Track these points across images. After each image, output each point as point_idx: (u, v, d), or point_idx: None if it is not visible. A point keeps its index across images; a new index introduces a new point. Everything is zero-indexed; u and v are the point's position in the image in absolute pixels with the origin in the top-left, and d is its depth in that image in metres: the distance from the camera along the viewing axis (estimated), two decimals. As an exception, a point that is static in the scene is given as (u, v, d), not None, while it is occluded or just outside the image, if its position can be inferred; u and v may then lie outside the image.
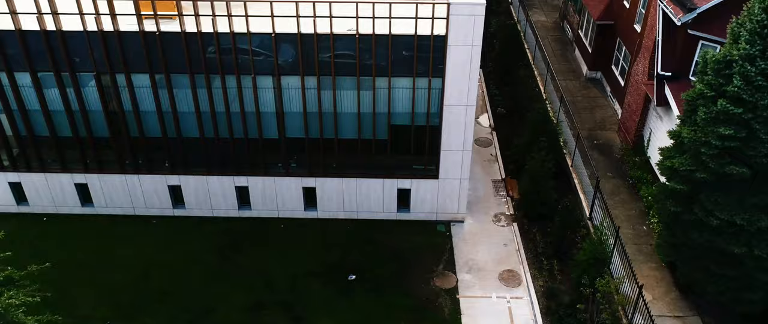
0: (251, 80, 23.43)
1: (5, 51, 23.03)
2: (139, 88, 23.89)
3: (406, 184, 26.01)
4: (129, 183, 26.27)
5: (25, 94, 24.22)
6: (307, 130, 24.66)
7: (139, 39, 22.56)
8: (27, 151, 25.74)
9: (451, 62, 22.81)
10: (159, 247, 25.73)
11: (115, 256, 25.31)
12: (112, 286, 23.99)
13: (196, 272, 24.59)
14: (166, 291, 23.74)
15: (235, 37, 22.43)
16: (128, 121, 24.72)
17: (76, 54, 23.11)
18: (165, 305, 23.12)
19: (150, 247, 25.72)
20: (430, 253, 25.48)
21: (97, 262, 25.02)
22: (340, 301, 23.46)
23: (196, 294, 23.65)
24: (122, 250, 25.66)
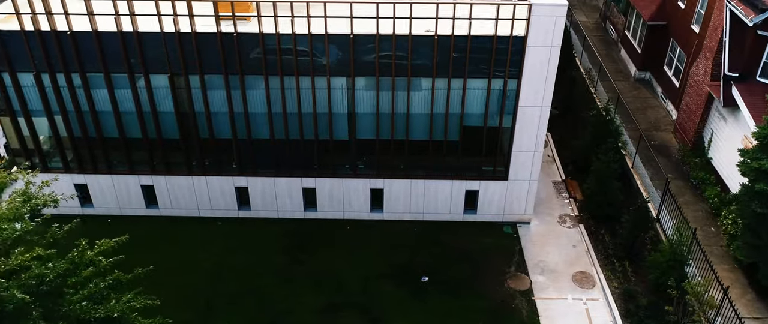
0: (326, 81, 23.35)
1: (80, 52, 22.96)
2: (211, 89, 23.81)
3: (475, 185, 25.92)
4: (195, 185, 26.18)
5: (97, 96, 24.15)
6: (378, 132, 24.57)
7: (216, 40, 22.50)
8: (95, 153, 25.66)
9: (529, 63, 22.72)
10: (226, 249, 25.65)
11: (183, 259, 25.22)
12: (184, 288, 23.89)
13: (267, 274, 24.50)
14: (240, 293, 23.64)
15: (313, 38, 22.35)
16: (199, 123, 24.65)
17: (151, 55, 23.03)
18: (241, 307, 23.03)
19: (217, 248, 25.63)
20: (500, 255, 25.39)
21: (166, 264, 24.84)
22: (415, 303, 23.37)
23: (269, 296, 23.55)
24: (189, 252, 25.58)
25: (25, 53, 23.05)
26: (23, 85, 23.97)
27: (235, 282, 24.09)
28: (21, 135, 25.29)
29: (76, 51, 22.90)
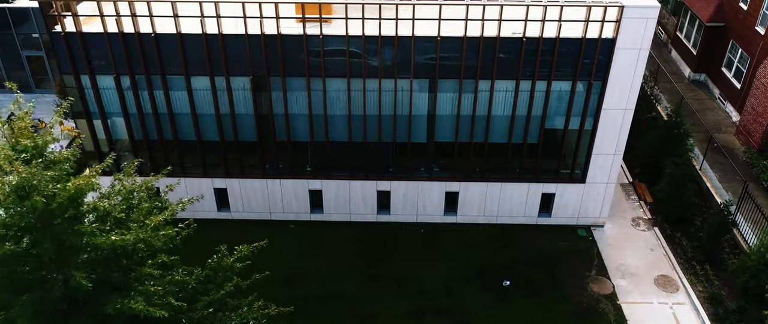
0: (409, 84, 23.18)
1: (161, 54, 22.77)
2: (292, 91, 23.64)
3: (551, 188, 25.74)
4: (269, 187, 26.00)
5: (175, 98, 23.97)
6: (457, 134, 24.39)
7: (301, 42, 22.32)
8: (169, 156, 25.47)
9: (616, 65, 22.54)
10: (302, 253, 25.46)
11: (259, 262, 24.92)
12: (263, 292, 23.63)
13: (347, 277, 24.31)
14: (323, 297, 23.45)
15: (400, 40, 22.17)
16: (277, 125, 24.47)
17: (233, 57, 22.86)
18: (326, 310, 22.83)
19: (292, 252, 25.43)
20: (579, 258, 25.21)
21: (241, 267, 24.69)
22: (500, 306, 23.19)
23: (353, 300, 23.37)
24: (265, 255, 25.26)
25: (107, 55, 22.88)
26: (101, 87, 23.79)
27: (317, 286, 23.90)
28: (95, 137, 25.11)
29: (158, 53, 22.72)
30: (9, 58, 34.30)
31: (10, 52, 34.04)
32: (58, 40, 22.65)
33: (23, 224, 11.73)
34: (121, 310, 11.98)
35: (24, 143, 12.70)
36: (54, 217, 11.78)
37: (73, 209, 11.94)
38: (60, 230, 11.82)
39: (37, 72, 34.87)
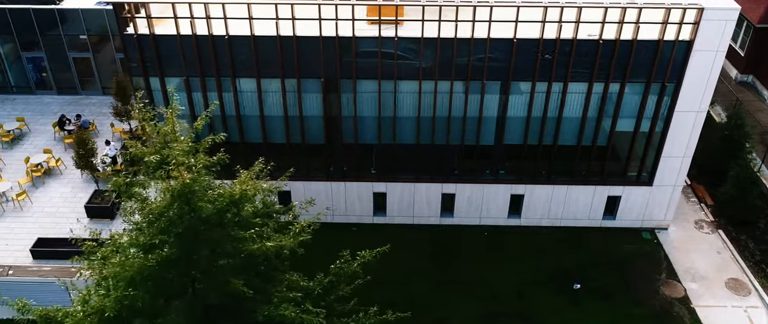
0: (481, 86, 23.05)
1: (234, 56, 22.64)
2: (362, 93, 23.51)
3: (617, 190, 25.60)
4: (333, 190, 25.85)
5: (244, 100, 23.84)
6: (527, 136, 24.26)
7: (375, 44, 22.21)
8: (234, 159, 25.25)
9: (692, 67, 22.42)
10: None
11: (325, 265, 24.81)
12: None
13: (416, 281, 24.15)
14: (395, 300, 23.14)
15: (474, 42, 22.05)
16: (345, 127, 24.34)
17: (306, 60, 22.73)
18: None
19: (356, 255, 25.24)
20: (646, 261, 25.08)
21: (311, 270, 24.54)
22: (573, 310, 23.06)
23: (425, 303, 23.19)
24: (330, 258, 25.16)
25: (178, 57, 22.74)
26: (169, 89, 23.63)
27: (387, 290, 23.67)
28: (161, 140, 24.94)
29: (230, 55, 22.59)
30: (56, 59, 34.11)
31: (57, 53, 33.86)
32: (130, 41, 22.52)
33: (180, 230, 11.58)
34: (270, 317, 11.84)
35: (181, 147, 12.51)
36: (211, 223, 11.64)
37: (232, 215, 11.79)
38: (216, 236, 11.67)
39: (83, 73, 34.68)
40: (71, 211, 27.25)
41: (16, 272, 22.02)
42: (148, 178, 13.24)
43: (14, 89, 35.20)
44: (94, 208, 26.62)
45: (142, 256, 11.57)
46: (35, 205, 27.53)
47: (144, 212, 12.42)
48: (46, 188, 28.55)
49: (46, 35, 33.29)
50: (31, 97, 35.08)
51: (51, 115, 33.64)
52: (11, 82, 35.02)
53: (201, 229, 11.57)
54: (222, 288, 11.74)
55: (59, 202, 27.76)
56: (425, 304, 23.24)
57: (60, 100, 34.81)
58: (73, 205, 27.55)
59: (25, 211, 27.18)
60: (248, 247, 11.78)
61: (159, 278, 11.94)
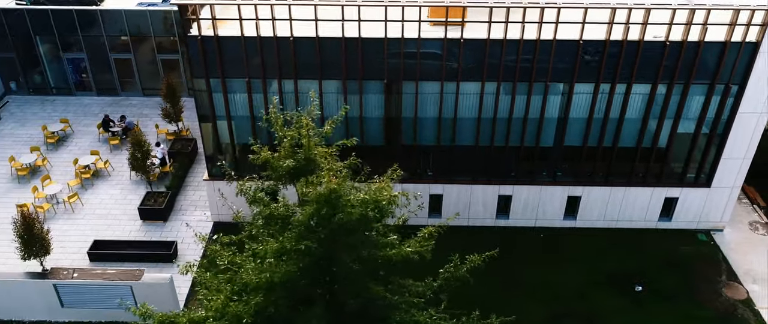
0: (544, 87, 22.99)
1: (297, 58, 22.56)
2: (423, 94, 23.43)
3: (675, 192, 25.54)
4: (389, 192, 25.74)
5: (305, 102, 23.73)
6: (587, 138, 24.19)
7: (441, 46, 22.14)
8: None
9: (758, 69, 22.35)
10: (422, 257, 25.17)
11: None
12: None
13: (479, 283, 23.91)
14: (458, 303, 23.14)
15: (540, 44, 21.98)
16: (404, 129, 24.28)
17: (369, 61, 22.65)
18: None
19: (413, 257, 25.17)
20: (705, 263, 25.02)
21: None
22: (637, 312, 22.98)
23: (488, 305, 22.98)
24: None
25: (241, 59, 22.65)
26: (230, 90, 23.54)
27: (450, 293, 23.60)
28: (218, 142, 24.88)
29: (294, 57, 22.50)
30: (96, 60, 34.03)
31: (98, 54, 33.77)
32: (194, 43, 22.42)
33: (324, 235, 11.47)
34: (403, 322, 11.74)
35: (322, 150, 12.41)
36: (354, 228, 11.53)
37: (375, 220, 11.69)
38: (357, 241, 11.56)
39: (123, 74, 34.59)
40: (123, 213, 27.20)
41: (80, 275, 21.88)
42: (279, 183, 13.13)
43: (54, 90, 35.13)
44: (147, 210, 26.54)
45: (285, 261, 11.44)
46: (86, 208, 27.44)
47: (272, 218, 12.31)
48: (95, 190, 28.47)
49: (88, 36, 33.20)
50: (70, 99, 35.02)
51: (92, 116, 33.58)
52: (51, 83, 34.93)
53: (344, 234, 11.47)
54: (359, 294, 11.63)
55: (110, 204, 27.69)
56: (489, 306, 23.05)
57: (100, 102, 34.76)
58: (124, 207, 27.49)
59: (76, 213, 27.11)
60: (386, 253, 11.68)
61: (299, 284, 11.83)
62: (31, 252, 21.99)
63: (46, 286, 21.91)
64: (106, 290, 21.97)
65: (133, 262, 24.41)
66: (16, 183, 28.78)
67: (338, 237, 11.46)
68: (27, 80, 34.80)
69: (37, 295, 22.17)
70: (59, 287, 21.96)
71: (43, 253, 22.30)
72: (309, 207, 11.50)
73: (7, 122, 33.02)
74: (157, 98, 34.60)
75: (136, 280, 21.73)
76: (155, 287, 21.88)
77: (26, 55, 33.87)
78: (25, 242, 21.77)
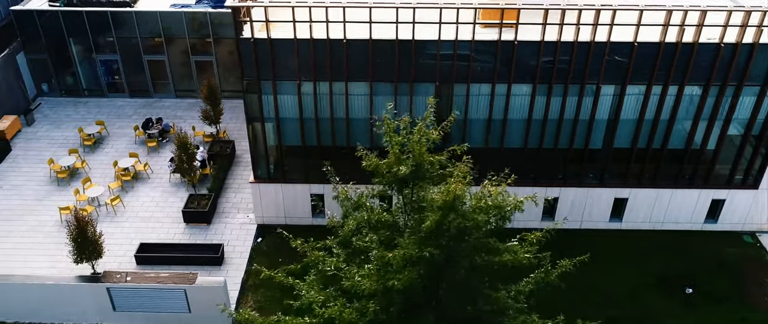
0: (595, 89, 22.95)
1: (350, 60, 22.49)
2: (474, 96, 23.39)
3: (722, 194, 25.51)
4: (436, 194, 25.71)
5: (356, 104, 23.68)
6: (637, 140, 24.14)
7: (494, 48, 22.09)
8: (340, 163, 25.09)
9: (810, 71, 22.35)
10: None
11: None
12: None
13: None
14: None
15: (595, 46, 21.94)
16: (453, 130, 24.18)
17: (422, 63, 22.60)
18: (518, 320, 22.53)
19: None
20: (753, 265, 25.02)
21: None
22: (689, 314, 22.96)
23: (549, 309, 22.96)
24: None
25: (292, 61, 22.58)
26: (280, 92, 23.47)
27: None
28: (265, 143, 24.79)
29: (346, 59, 22.44)
30: (130, 61, 33.91)
31: (132, 55, 33.64)
32: (247, 45, 22.34)
33: (444, 242, 11.38)
34: (516, 328, 11.69)
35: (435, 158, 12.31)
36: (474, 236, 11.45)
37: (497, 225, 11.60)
38: (476, 248, 11.48)
39: (156, 76, 34.47)
40: (165, 216, 27.11)
41: (134, 279, 21.78)
42: (386, 189, 13.03)
43: (86, 92, 34.99)
44: (191, 213, 26.44)
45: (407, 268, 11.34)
46: (128, 210, 27.35)
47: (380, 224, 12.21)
48: (135, 193, 28.36)
49: (122, 38, 33.08)
50: (102, 100, 34.90)
51: (126, 118, 33.46)
52: (83, 84, 34.80)
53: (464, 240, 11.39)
54: (475, 300, 11.56)
55: (151, 207, 27.59)
56: (551, 309, 23.02)
57: (133, 103, 34.63)
58: (167, 210, 27.40)
59: (119, 215, 27.02)
60: (501, 259, 11.59)
61: (416, 291, 11.74)
62: (84, 255, 21.92)
63: (99, 290, 21.82)
64: (160, 294, 21.89)
65: (179, 266, 24.33)
66: (55, 185, 28.66)
67: (459, 243, 11.38)
68: (59, 82, 34.66)
69: (90, 299, 22.08)
70: (112, 291, 21.88)
71: (96, 257, 22.25)
72: (434, 214, 11.40)
73: (41, 124, 32.90)
74: (191, 100, 34.70)
75: (191, 284, 21.64)
76: (209, 291, 21.78)
77: (59, 57, 33.73)
78: (78, 245, 21.69)
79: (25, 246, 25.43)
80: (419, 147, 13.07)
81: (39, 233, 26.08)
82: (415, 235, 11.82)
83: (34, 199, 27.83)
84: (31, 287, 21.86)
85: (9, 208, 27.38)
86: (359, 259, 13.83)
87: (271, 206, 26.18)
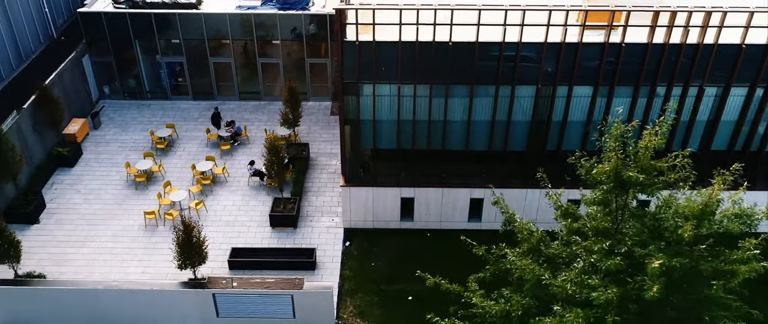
0: (698, 90, 22.88)
1: (452, 63, 22.32)
2: (577, 98, 23.25)
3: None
4: (528, 197, 25.53)
5: (453, 105, 23.52)
6: (734, 142, 24.05)
7: (600, 50, 21.98)
8: (427, 166, 24.96)
9: None
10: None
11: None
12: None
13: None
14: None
15: (702, 48, 21.84)
16: (551, 133, 24.08)
17: (526, 66, 22.46)
18: None
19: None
20: None
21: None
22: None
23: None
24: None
25: (395, 63, 22.39)
26: (378, 94, 23.29)
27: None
28: (358, 145, 24.63)
29: (451, 62, 22.27)
30: (195, 64, 33.65)
31: (198, 58, 33.40)
32: (351, 48, 22.14)
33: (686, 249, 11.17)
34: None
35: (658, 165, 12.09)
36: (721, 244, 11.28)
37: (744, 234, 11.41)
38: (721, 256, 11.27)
39: (221, 78, 34.22)
40: (250, 220, 26.90)
41: (240, 284, 21.56)
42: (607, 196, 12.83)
43: (149, 95, 34.71)
44: (277, 217, 26.22)
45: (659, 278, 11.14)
46: (211, 214, 27.11)
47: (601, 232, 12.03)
48: (216, 196, 28.14)
49: (188, 40, 32.82)
50: (165, 103, 34.64)
51: (192, 121, 33.24)
52: (145, 87, 34.52)
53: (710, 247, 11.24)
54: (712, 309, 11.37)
55: (235, 211, 27.36)
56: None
57: (197, 106, 34.39)
58: (250, 214, 27.19)
59: (202, 220, 26.72)
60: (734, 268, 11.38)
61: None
62: (188, 260, 21.69)
63: (205, 295, 21.60)
64: (266, 299, 21.69)
65: (271, 270, 24.10)
66: (133, 189, 28.41)
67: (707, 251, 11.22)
68: (122, 84, 34.38)
69: (194, 305, 21.87)
70: (218, 297, 21.65)
71: (200, 262, 22.02)
72: (690, 223, 11.18)
73: (108, 127, 32.63)
74: (254, 102, 34.48)
75: (298, 289, 21.43)
76: (317, 296, 21.61)
77: (123, 59, 33.46)
78: (183, 250, 21.46)
79: (113, 251, 25.19)
80: (645, 152, 12.88)
81: (125, 238, 25.83)
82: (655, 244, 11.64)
83: (114, 203, 27.56)
84: (137, 293, 21.62)
85: (91, 212, 27.12)
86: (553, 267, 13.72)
87: (359, 210, 25.98)
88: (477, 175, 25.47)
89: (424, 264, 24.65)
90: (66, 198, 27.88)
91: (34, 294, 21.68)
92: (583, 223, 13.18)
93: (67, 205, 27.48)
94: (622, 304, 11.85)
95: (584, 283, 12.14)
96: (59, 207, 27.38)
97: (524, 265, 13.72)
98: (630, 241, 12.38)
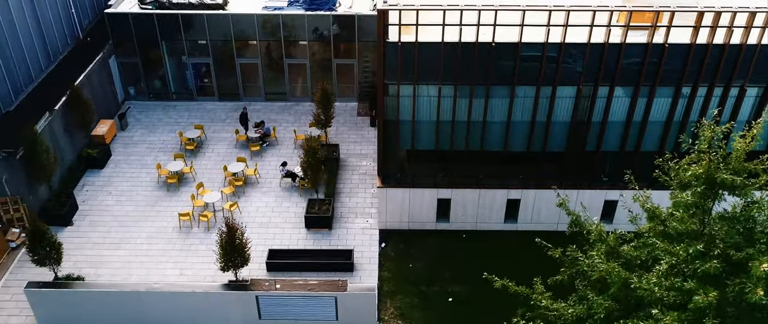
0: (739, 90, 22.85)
1: (493, 63, 22.25)
2: (617, 98, 23.20)
3: None
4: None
5: (494, 106, 23.44)
6: (774, 142, 24.09)
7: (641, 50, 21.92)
8: (462, 167, 24.90)
9: None
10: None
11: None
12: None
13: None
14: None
15: (746, 48, 21.81)
16: (591, 134, 24.01)
17: (568, 67, 22.40)
18: None
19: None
20: None
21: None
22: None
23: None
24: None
25: (437, 64, 22.32)
26: (419, 95, 23.21)
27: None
28: (397, 146, 24.56)
29: (492, 63, 22.20)
30: (221, 65, 33.55)
31: (224, 58, 33.29)
32: (393, 49, 22.06)
33: None
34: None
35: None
36: None
37: None
38: None
39: (247, 79, 34.12)
40: (284, 221, 26.81)
41: (283, 286, 21.47)
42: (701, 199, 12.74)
43: (174, 95, 34.59)
44: (313, 218, 26.13)
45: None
46: (244, 216, 27.00)
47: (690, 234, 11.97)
48: (248, 198, 28.03)
49: (215, 40, 32.72)
50: (191, 104, 34.54)
51: (219, 122, 33.13)
52: (171, 88, 34.40)
53: None
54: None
55: (268, 212, 27.27)
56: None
57: (222, 107, 34.29)
58: (284, 215, 27.09)
59: (237, 221, 26.52)
60: None
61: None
62: (231, 263, 21.59)
63: (248, 297, 21.51)
64: (309, 301, 21.61)
65: (310, 272, 24.02)
66: (164, 190, 28.29)
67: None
68: (147, 85, 34.26)
69: (236, 307, 21.78)
70: (261, 299, 21.56)
71: (242, 264, 21.92)
72: None
73: (134, 128, 32.51)
74: (281, 103, 34.39)
75: (342, 291, 21.35)
76: (361, 298, 21.55)
77: (149, 60, 33.35)
78: (226, 253, 21.36)
79: (149, 253, 25.07)
80: (739, 155, 12.81)
81: (160, 240, 25.71)
82: (755, 246, 11.61)
83: (146, 205, 27.44)
84: (179, 296, 21.52)
85: (124, 213, 27.01)
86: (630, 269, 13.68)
87: (396, 211, 25.90)
88: (513, 175, 25.41)
89: (461, 265, 24.87)
90: (98, 200, 27.76)
91: (77, 296, 21.58)
92: (678, 225, 13.06)
93: (99, 207, 27.36)
94: (719, 307, 11.82)
95: (674, 286, 12.10)
96: (92, 209, 27.26)
97: (610, 268, 13.63)
98: (722, 244, 12.34)
